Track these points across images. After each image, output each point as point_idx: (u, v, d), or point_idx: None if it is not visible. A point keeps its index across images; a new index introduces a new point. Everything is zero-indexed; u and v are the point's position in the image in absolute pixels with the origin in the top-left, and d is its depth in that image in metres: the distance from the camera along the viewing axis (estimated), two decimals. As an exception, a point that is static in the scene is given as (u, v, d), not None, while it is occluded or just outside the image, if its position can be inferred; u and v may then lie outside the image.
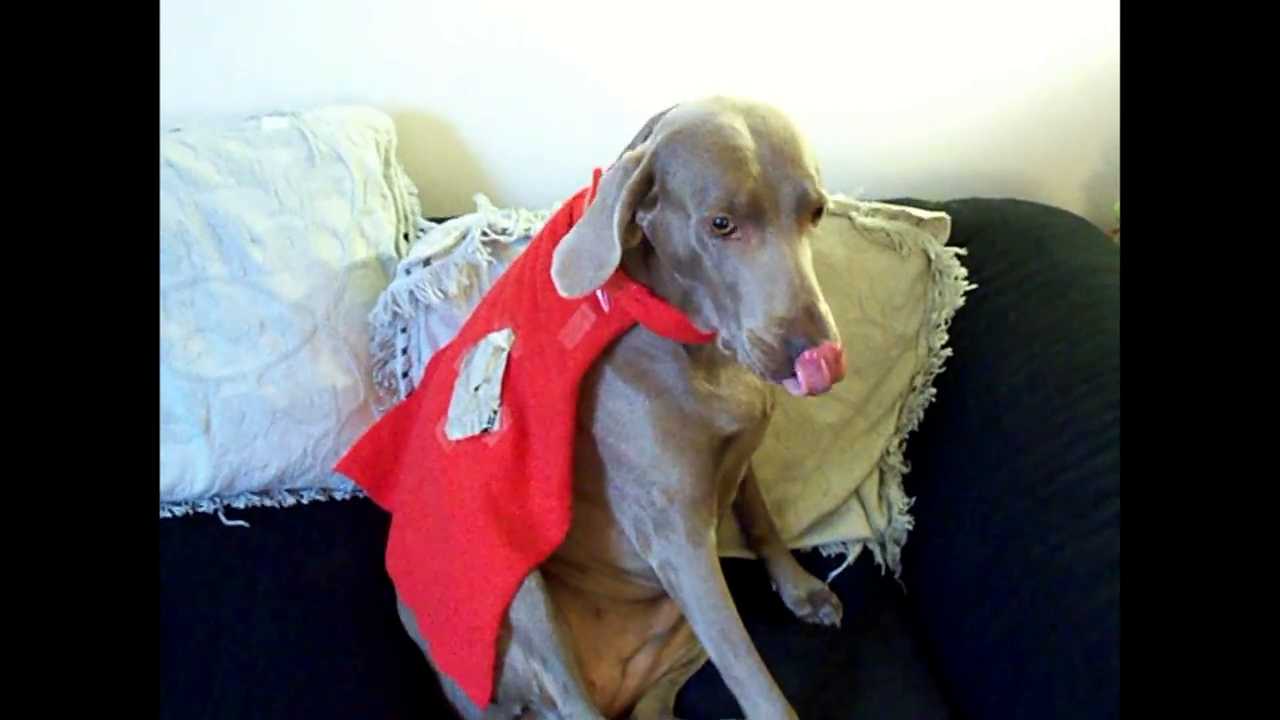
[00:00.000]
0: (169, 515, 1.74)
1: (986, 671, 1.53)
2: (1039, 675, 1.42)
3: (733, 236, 1.20)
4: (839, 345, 1.17)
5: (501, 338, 1.49)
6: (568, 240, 1.31)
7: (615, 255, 1.25)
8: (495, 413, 1.47)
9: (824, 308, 1.17)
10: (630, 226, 1.28)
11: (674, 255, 1.27)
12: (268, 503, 1.78)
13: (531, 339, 1.44)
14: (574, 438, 1.42)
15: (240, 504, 1.77)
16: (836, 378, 1.17)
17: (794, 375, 1.18)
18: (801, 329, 1.16)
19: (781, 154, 1.20)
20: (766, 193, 1.18)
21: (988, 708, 1.51)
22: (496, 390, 1.47)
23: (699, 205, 1.20)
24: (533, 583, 1.43)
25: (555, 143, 1.87)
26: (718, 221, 1.19)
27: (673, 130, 1.24)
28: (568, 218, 1.43)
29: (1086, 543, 1.43)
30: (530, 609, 1.43)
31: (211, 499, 1.76)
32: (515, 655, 1.46)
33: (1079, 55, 1.92)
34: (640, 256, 1.35)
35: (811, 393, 1.18)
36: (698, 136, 1.22)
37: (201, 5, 1.76)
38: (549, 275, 1.36)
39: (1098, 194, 2.09)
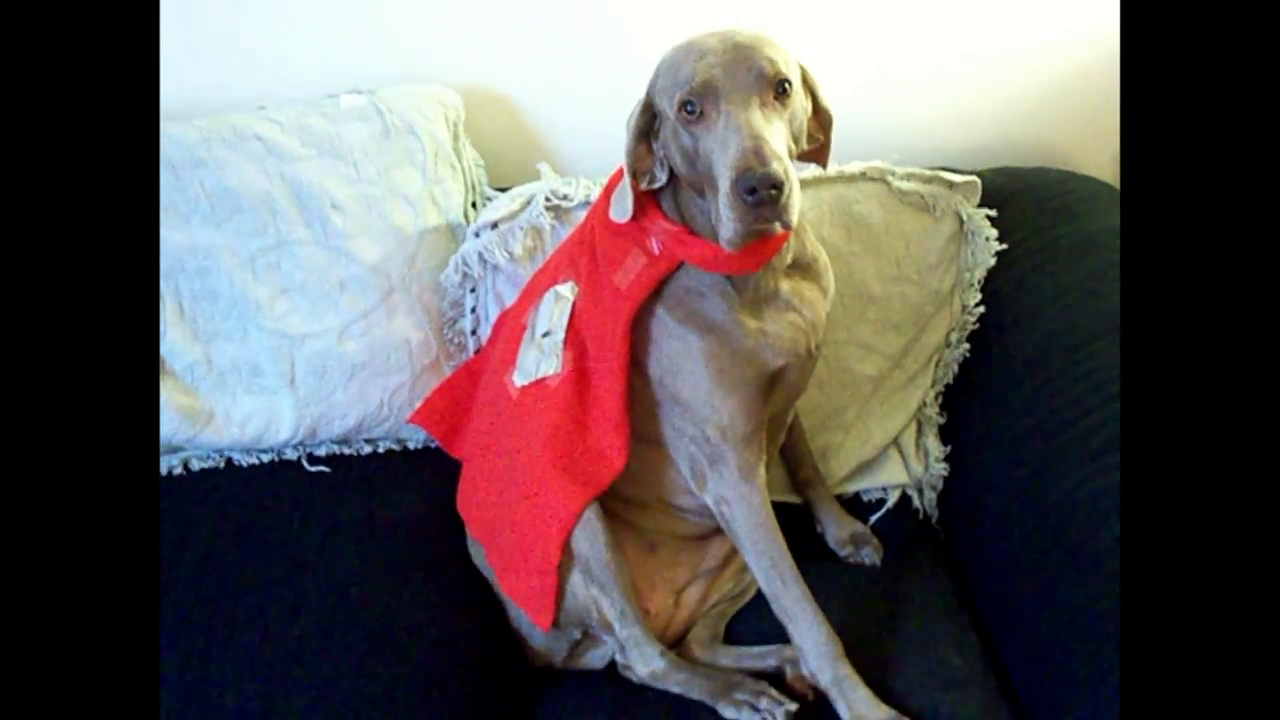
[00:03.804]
0: (256, 462, 1.88)
1: (1014, 601, 1.62)
2: (1060, 601, 1.51)
3: (700, 119, 1.36)
4: (781, 178, 1.30)
5: (566, 289, 1.62)
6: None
7: (629, 166, 1.48)
8: (559, 358, 1.60)
9: (771, 149, 1.31)
10: (647, 152, 1.49)
11: (680, 167, 1.44)
12: (347, 451, 1.91)
13: (591, 286, 1.57)
14: (630, 375, 1.54)
15: (321, 452, 1.90)
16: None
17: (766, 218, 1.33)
18: (746, 164, 1.29)
19: (741, 46, 1.37)
20: (722, 74, 1.35)
21: (1015, 632, 1.61)
22: (561, 337, 1.59)
23: (671, 100, 1.39)
24: (592, 514, 1.55)
25: (611, 116, 1.96)
26: (687, 108, 1.37)
27: (658, 64, 1.45)
28: (619, 179, 1.57)
29: (1103, 481, 1.53)
30: (590, 538, 1.55)
31: (295, 447, 1.89)
32: (576, 582, 1.58)
33: (1109, 26, 2.01)
34: (673, 200, 1.52)
35: None
36: (672, 56, 1.42)
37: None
38: (606, 227, 1.54)
39: (1125, 162, 2.18)
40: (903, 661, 1.62)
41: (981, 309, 1.89)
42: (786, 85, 1.38)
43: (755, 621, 1.72)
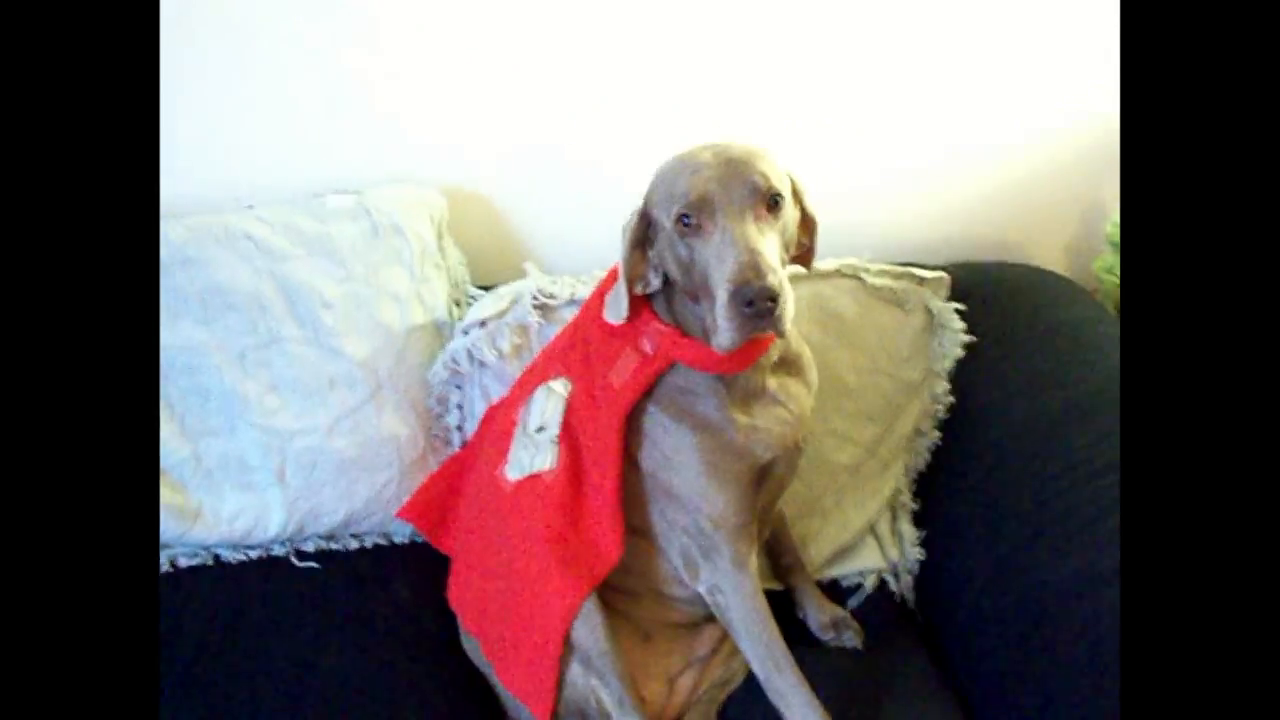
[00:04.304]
0: (244, 559, 1.88)
1: (996, 680, 1.68)
2: (1046, 676, 1.57)
3: (697, 231, 1.43)
4: (777, 291, 1.37)
5: (559, 385, 1.66)
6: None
7: (625, 272, 1.54)
8: (553, 453, 1.64)
9: (767, 262, 1.38)
10: (642, 259, 1.55)
11: (676, 275, 1.50)
12: (334, 546, 1.92)
13: (584, 384, 1.63)
14: (624, 468, 1.59)
15: (309, 547, 1.91)
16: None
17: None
18: (744, 278, 1.36)
19: (735, 161, 1.44)
20: (717, 189, 1.42)
21: (999, 710, 1.66)
22: (555, 432, 1.64)
23: (668, 212, 1.46)
24: (591, 605, 1.58)
25: (589, 217, 2.03)
26: (684, 220, 1.43)
27: (654, 176, 1.53)
28: (612, 281, 1.63)
29: (1082, 558, 1.60)
30: (590, 629, 1.58)
31: (283, 543, 1.90)
32: (575, 672, 1.60)
33: (1058, 132, 2.15)
34: (665, 304, 1.58)
35: None
36: (668, 169, 1.50)
37: (267, 94, 1.95)
38: (600, 327, 1.60)
39: (1078, 254, 2.31)
40: (893, 742, 1.66)
41: (951, 398, 1.97)
42: (778, 199, 1.45)
43: (746, 706, 1.74)
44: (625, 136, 2.04)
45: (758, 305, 1.36)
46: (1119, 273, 2.15)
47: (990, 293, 2.03)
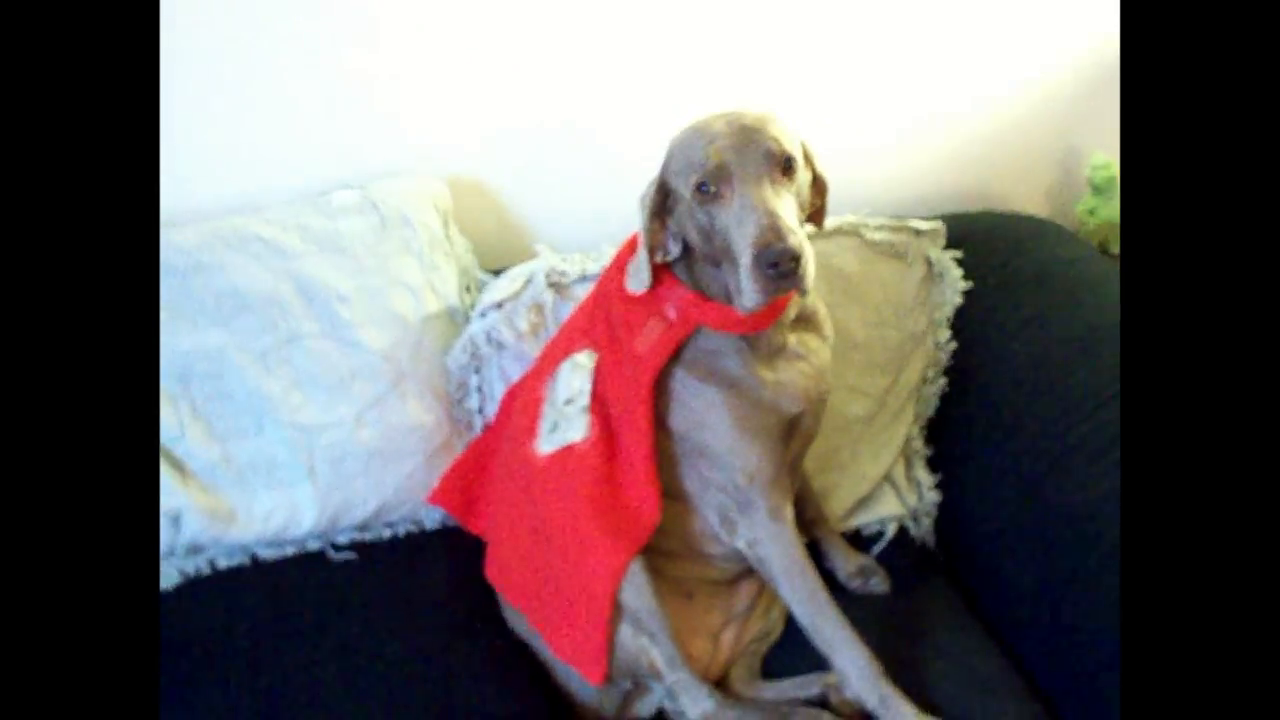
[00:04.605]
0: (281, 555, 1.89)
1: (1026, 610, 1.75)
2: (1073, 602, 1.65)
3: (716, 198, 1.49)
4: (799, 251, 1.42)
5: (584, 357, 1.70)
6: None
7: (645, 241, 1.59)
8: (585, 423, 1.67)
9: (786, 224, 1.43)
10: (661, 228, 1.60)
11: (696, 242, 1.56)
12: (367, 537, 1.93)
13: (610, 354, 1.67)
14: (655, 433, 1.63)
15: (343, 540, 1.92)
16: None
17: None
18: (766, 240, 1.42)
19: (748, 129, 1.50)
20: (734, 156, 1.48)
21: (1031, 635, 1.74)
22: (584, 403, 1.68)
23: (686, 181, 1.51)
24: (637, 566, 1.62)
25: (587, 197, 2.09)
26: (702, 188, 1.49)
27: (670, 147, 1.57)
28: (630, 252, 1.67)
29: (1097, 487, 1.67)
30: (637, 590, 1.62)
31: (317, 538, 1.91)
32: (625, 634, 1.64)
33: (1035, 81, 2.23)
34: (686, 269, 1.63)
35: None
36: (683, 139, 1.55)
37: (265, 95, 1.95)
38: (622, 297, 1.64)
39: (1059, 199, 2.39)
40: (935, 675, 1.71)
41: (954, 345, 2.03)
42: (792, 162, 1.51)
43: (788, 657, 1.80)
44: (621, 114, 2.07)
45: (781, 266, 1.41)
46: (1101, 214, 2.22)
47: (982, 240, 2.09)
